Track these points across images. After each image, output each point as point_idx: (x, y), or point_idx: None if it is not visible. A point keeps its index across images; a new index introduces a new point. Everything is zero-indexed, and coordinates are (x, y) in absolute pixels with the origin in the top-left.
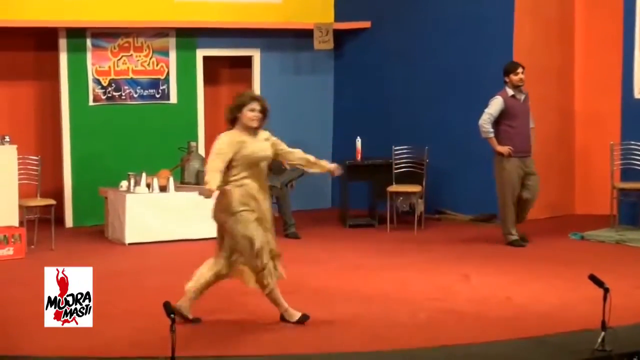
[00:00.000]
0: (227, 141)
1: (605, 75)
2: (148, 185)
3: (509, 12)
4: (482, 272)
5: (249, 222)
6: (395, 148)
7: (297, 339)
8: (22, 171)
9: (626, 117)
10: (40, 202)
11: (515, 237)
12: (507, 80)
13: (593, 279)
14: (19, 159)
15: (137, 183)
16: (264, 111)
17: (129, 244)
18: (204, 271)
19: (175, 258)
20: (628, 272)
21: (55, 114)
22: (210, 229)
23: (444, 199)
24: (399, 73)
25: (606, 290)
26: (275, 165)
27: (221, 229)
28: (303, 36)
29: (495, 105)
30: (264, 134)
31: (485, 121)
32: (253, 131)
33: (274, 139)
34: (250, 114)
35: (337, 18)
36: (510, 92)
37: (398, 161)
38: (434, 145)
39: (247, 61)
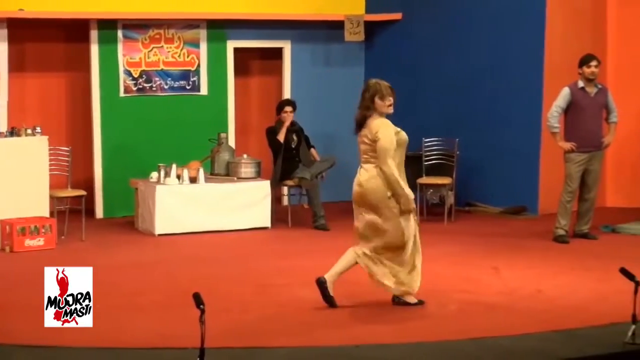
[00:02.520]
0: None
1: (638, 66)
2: (178, 177)
3: (540, 3)
4: (512, 264)
5: None
6: (426, 140)
7: (326, 331)
8: (52, 162)
9: None
10: (71, 192)
11: (560, 232)
12: (580, 72)
13: (624, 272)
14: (50, 149)
15: (167, 174)
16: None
17: (159, 235)
18: None
19: (204, 249)
20: None
21: (86, 105)
22: (239, 221)
23: (474, 191)
24: (429, 65)
25: (637, 284)
26: (305, 157)
27: None
28: (334, 28)
29: (562, 96)
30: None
31: (552, 114)
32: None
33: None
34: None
35: (368, 9)
36: (580, 84)
37: (428, 153)
38: (464, 137)
39: (277, 53)
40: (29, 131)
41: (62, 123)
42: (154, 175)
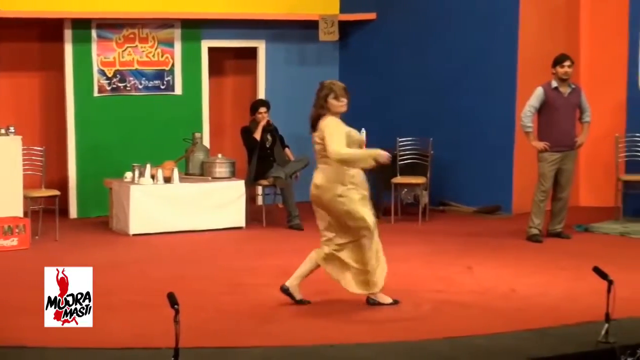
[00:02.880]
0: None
1: (610, 66)
2: (152, 177)
3: (514, 3)
4: (486, 263)
5: None
6: (400, 139)
7: (301, 330)
8: (26, 162)
9: (631, 109)
10: (45, 192)
11: (534, 231)
12: (553, 72)
13: (597, 271)
14: (23, 149)
15: (141, 174)
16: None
17: (133, 235)
18: None
19: (179, 249)
20: (632, 264)
21: (60, 104)
22: (214, 220)
23: (448, 190)
24: (403, 64)
25: (610, 283)
26: (279, 157)
27: None
28: (308, 27)
29: (535, 96)
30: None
31: (525, 114)
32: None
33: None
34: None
35: (343, 9)
36: (554, 84)
37: (402, 152)
38: (438, 136)
39: (252, 52)
40: (3, 131)
41: (35, 123)
42: (128, 175)
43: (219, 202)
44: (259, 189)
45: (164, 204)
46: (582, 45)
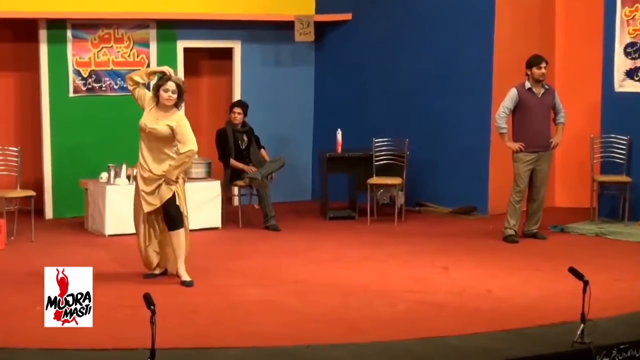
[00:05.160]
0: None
1: (585, 67)
2: (128, 177)
3: (490, 3)
4: (462, 264)
5: None
6: (376, 140)
7: (276, 331)
8: (1, 162)
9: (606, 110)
10: (20, 193)
11: (510, 232)
12: (528, 73)
13: (573, 271)
14: None
15: (117, 175)
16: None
17: (109, 235)
18: None
19: None
20: (607, 265)
21: (35, 105)
22: (190, 221)
23: (424, 191)
24: (379, 65)
25: (586, 283)
26: (255, 158)
27: None
28: (284, 28)
29: (509, 97)
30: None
31: (499, 115)
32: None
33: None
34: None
35: (318, 10)
36: (527, 85)
37: (378, 153)
38: (414, 137)
39: (227, 53)
40: None
41: (10, 123)
42: (104, 175)
43: (195, 203)
44: (235, 190)
45: None
46: (557, 46)
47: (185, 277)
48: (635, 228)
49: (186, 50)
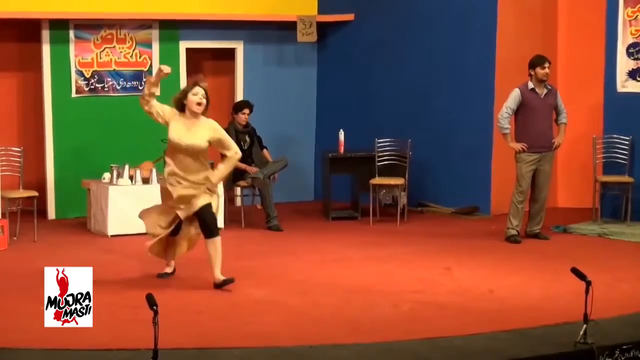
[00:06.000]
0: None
1: (588, 68)
2: (131, 177)
3: (492, 3)
4: (465, 264)
5: None
6: (378, 140)
7: (279, 331)
8: (4, 163)
9: (609, 110)
10: (23, 193)
11: (512, 232)
12: (531, 73)
13: (575, 272)
14: (1, 150)
15: (119, 175)
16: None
17: (112, 235)
18: None
19: None
20: (610, 265)
21: (38, 105)
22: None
23: (427, 191)
24: (382, 65)
25: (588, 283)
26: (258, 158)
27: None
28: (286, 28)
29: (512, 97)
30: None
31: (502, 116)
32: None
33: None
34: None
35: (321, 10)
36: (530, 85)
37: (381, 153)
38: (416, 137)
39: (230, 53)
40: None
41: (13, 123)
42: (107, 176)
43: None
44: (238, 190)
45: (142, 205)
46: (559, 47)
47: (222, 277)
48: (637, 228)
49: (189, 51)
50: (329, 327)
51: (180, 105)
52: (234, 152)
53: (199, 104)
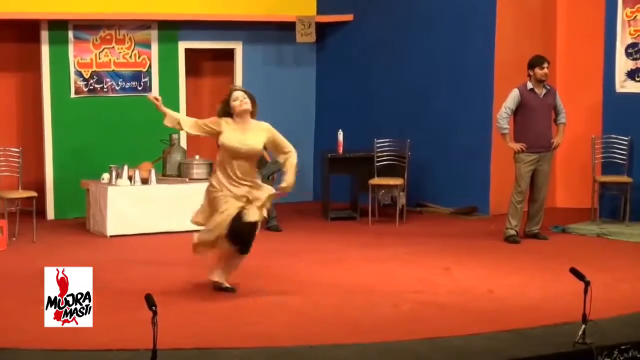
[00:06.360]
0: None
1: (586, 68)
2: (130, 178)
3: (491, 3)
4: (464, 264)
5: None
6: (377, 141)
7: (279, 331)
8: (3, 163)
9: (607, 110)
10: (22, 194)
11: (511, 232)
12: (530, 73)
13: (574, 272)
14: (0, 150)
15: (118, 175)
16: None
17: (111, 236)
18: None
19: (156, 250)
20: (609, 265)
21: (37, 106)
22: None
23: (426, 191)
24: (381, 66)
25: (587, 283)
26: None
27: None
28: (285, 29)
29: (511, 97)
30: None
31: (501, 116)
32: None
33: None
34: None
35: (320, 11)
36: (529, 85)
37: (380, 154)
38: (415, 138)
39: (229, 54)
40: None
41: (12, 124)
42: (106, 176)
43: (196, 204)
44: None
45: (141, 206)
46: (558, 47)
47: (227, 284)
48: (636, 228)
49: (188, 51)
50: (329, 327)
51: (228, 114)
52: (291, 150)
53: (241, 103)
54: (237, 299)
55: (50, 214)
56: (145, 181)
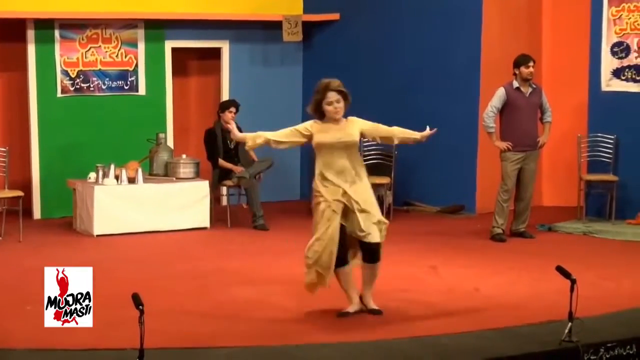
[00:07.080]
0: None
1: (572, 67)
2: (116, 177)
3: (477, 3)
4: (450, 263)
5: None
6: (364, 140)
7: (268, 330)
8: None
9: (593, 109)
10: (8, 193)
11: (498, 230)
12: (516, 72)
13: (560, 270)
14: None
15: (105, 175)
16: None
17: (98, 235)
18: None
19: (143, 250)
20: (595, 263)
21: (23, 105)
22: (178, 221)
23: (412, 190)
24: (367, 65)
25: (573, 282)
26: (244, 157)
27: None
28: (272, 28)
29: (496, 96)
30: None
31: (487, 115)
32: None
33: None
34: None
35: (306, 10)
36: (515, 84)
37: (366, 153)
38: None
39: (216, 53)
40: None
41: None
42: (92, 175)
43: (183, 203)
44: (224, 190)
45: (128, 205)
46: (544, 46)
47: (374, 306)
48: (622, 226)
49: (174, 50)
50: (316, 326)
51: (319, 114)
52: (395, 127)
53: (335, 111)
54: (224, 299)
55: (37, 213)
56: (132, 180)
